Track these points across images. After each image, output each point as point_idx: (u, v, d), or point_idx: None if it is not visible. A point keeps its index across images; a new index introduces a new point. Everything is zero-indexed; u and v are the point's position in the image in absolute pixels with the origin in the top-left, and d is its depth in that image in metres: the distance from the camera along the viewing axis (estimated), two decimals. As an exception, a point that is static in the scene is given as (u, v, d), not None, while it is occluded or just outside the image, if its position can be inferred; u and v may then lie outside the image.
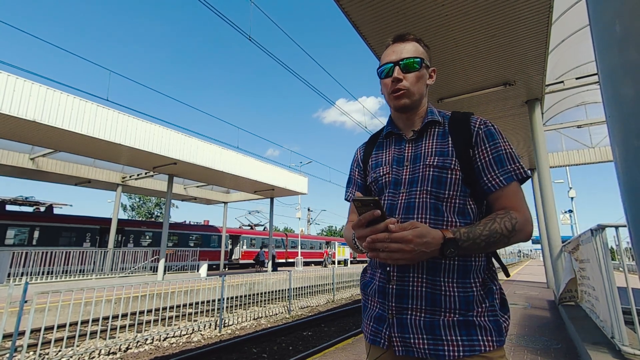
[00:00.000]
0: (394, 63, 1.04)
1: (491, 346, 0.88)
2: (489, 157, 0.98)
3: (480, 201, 1.02)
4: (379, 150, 1.17)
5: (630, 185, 0.60)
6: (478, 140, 1.00)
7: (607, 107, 0.64)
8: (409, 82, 1.04)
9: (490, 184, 0.97)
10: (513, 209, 0.93)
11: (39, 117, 8.12)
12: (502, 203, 0.96)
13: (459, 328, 0.89)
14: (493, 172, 0.97)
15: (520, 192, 0.97)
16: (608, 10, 0.62)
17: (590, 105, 9.96)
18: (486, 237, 0.87)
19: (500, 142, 0.99)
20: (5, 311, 5.08)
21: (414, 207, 0.98)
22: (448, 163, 0.98)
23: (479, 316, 0.90)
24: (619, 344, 2.77)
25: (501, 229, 0.88)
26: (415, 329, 0.92)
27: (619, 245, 3.23)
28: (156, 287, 9.36)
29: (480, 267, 0.96)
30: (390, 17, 4.44)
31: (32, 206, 16.44)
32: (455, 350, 0.87)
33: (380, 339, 0.98)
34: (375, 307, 1.01)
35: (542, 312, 6.01)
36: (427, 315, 0.91)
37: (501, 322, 0.92)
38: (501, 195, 0.96)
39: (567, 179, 24.39)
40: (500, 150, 0.98)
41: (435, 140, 1.04)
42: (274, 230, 27.62)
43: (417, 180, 1.00)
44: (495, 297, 0.95)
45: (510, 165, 0.96)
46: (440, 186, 0.98)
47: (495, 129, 1.02)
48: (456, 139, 1.02)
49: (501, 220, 0.89)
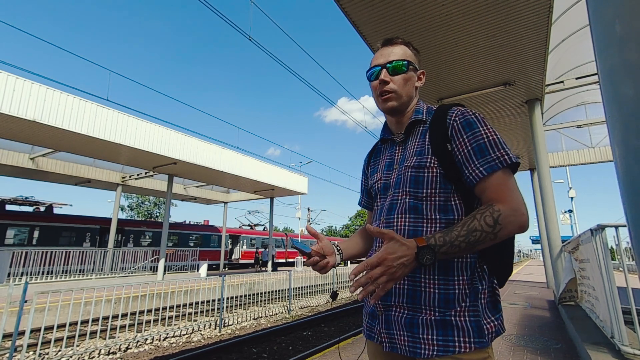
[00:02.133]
0: (381, 66, 1.06)
1: (467, 347, 0.85)
2: (467, 148, 0.93)
3: (470, 196, 0.96)
4: (376, 157, 1.21)
5: (630, 185, 0.60)
6: (453, 133, 0.96)
7: (607, 107, 0.64)
8: (397, 85, 1.04)
9: (472, 177, 0.92)
10: (497, 201, 0.87)
11: (39, 117, 8.12)
12: (487, 195, 0.90)
13: (436, 327, 0.88)
14: (473, 163, 0.91)
15: (507, 181, 0.89)
16: (608, 10, 0.62)
17: (590, 105, 9.96)
18: (464, 237, 0.82)
19: (480, 130, 0.93)
20: (5, 311, 5.07)
21: (395, 208, 1.01)
22: (424, 162, 0.98)
23: (457, 316, 0.88)
24: (618, 344, 2.77)
25: (481, 226, 0.82)
26: (397, 325, 0.94)
27: (619, 245, 3.23)
28: (156, 287, 9.36)
29: (466, 264, 0.92)
30: (390, 17, 4.44)
31: (32, 206, 16.43)
32: (430, 349, 0.87)
33: (374, 334, 1.02)
34: (370, 304, 1.05)
35: (542, 312, 6.01)
36: (409, 312, 0.93)
37: (483, 323, 0.88)
38: (485, 187, 0.90)
39: (567, 179, 24.43)
40: (479, 139, 0.92)
41: (417, 139, 1.05)
42: (274, 230, 27.62)
43: (400, 182, 1.02)
44: (480, 296, 0.91)
45: (493, 153, 0.90)
46: (417, 185, 0.98)
47: (475, 117, 0.95)
48: (433, 135, 1.00)
49: (481, 217, 0.83)
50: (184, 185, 18.32)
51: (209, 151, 12.55)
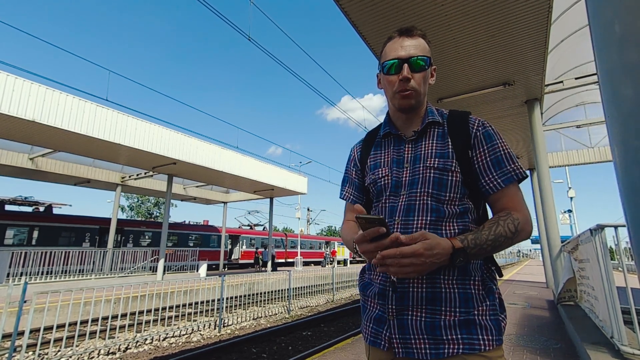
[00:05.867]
0: (402, 60, 0.99)
1: (491, 345, 0.88)
2: (487, 159, 0.98)
3: (478, 201, 1.02)
4: (377, 151, 1.13)
5: (630, 185, 0.60)
6: (476, 142, 0.99)
7: (607, 107, 0.64)
8: (417, 83, 0.99)
9: (489, 186, 0.97)
10: (514, 210, 0.93)
11: (39, 117, 8.11)
12: (502, 204, 0.96)
13: (460, 327, 0.89)
14: (491, 174, 0.97)
15: (519, 193, 0.98)
16: (608, 10, 0.62)
17: (589, 105, 9.97)
18: (492, 241, 0.87)
19: (498, 143, 0.98)
20: (5, 311, 5.07)
21: (414, 210, 0.97)
22: (449, 165, 0.98)
23: (479, 315, 0.90)
24: (618, 344, 2.77)
25: (505, 232, 0.89)
26: (416, 330, 0.91)
27: (618, 245, 3.24)
28: (156, 287, 9.35)
29: (477, 264, 0.96)
30: (389, 17, 4.44)
31: (32, 206, 16.41)
32: (454, 347, 0.87)
33: (380, 341, 0.97)
34: (375, 309, 1.00)
35: (541, 312, 6.02)
36: (428, 315, 0.91)
37: (500, 320, 0.92)
38: (501, 197, 0.96)
39: (566, 179, 24.44)
40: (498, 152, 0.98)
41: (435, 141, 1.02)
42: (274, 230, 27.61)
43: (417, 182, 0.99)
44: (495, 296, 0.95)
45: (509, 166, 0.96)
46: (441, 188, 0.97)
47: (493, 130, 1.01)
48: (455, 141, 1.00)
49: (504, 223, 0.90)
50: (183, 185, 18.30)
51: (209, 151, 12.55)
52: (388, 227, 0.81)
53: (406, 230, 0.96)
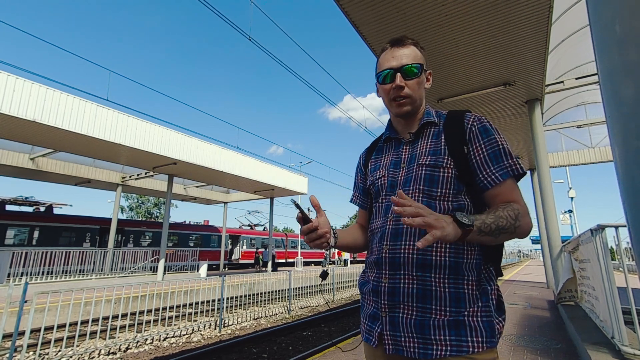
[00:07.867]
0: (394, 69, 1.03)
1: (480, 347, 0.86)
2: (484, 153, 0.97)
3: (476, 197, 1.01)
4: (378, 155, 1.19)
5: (630, 185, 0.60)
6: (472, 136, 0.99)
7: (607, 107, 0.64)
8: (411, 89, 1.03)
9: (487, 181, 0.96)
10: (513, 202, 0.93)
11: (39, 117, 8.12)
12: (501, 198, 0.95)
13: (449, 328, 0.88)
14: (489, 168, 0.96)
15: (517, 188, 0.97)
16: (608, 10, 0.62)
17: (590, 105, 9.96)
18: (493, 220, 0.85)
19: (496, 137, 0.98)
20: (5, 311, 5.07)
21: None
22: (440, 161, 0.99)
23: (470, 316, 0.89)
24: (618, 344, 2.77)
25: (506, 215, 0.87)
26: (406, 327, 0.92)
27: (619, 245, 3.23)
28: (156, 287, 9.35)
29: (473, 263, 0.94)
30: (390, 17, 4.43)
31: (32, 206, 16.43)
32: (442, 349, 0.87)
33: (371, 337, 0.99)
34: (371, 306, 1.02)
35: (542, 312, 6.01)
36: (418, 313, 0.91)
37: (494, 323, 0.90)
38: (499, 191, 0.95)
39: (567, 179, 24.44)
40: (495, 146, 0.97)
41: (429, 140, 1.05)
42: (274, 230, 27.61)
43: (410, 180, 1.01)
44: (490, 297, 0.93)
45: (507, 160, 0.95)
46: (432, 184, 0.98)
47: (490, 125, 1.00)
48: (449, 137, 1.02)
49: (504, 209, 0.89)
50: (184, 185, 18.31)
51: (209, 151, 12.55)
52: (308, 218, 0.95)
53: (397, 226, 0.99)
